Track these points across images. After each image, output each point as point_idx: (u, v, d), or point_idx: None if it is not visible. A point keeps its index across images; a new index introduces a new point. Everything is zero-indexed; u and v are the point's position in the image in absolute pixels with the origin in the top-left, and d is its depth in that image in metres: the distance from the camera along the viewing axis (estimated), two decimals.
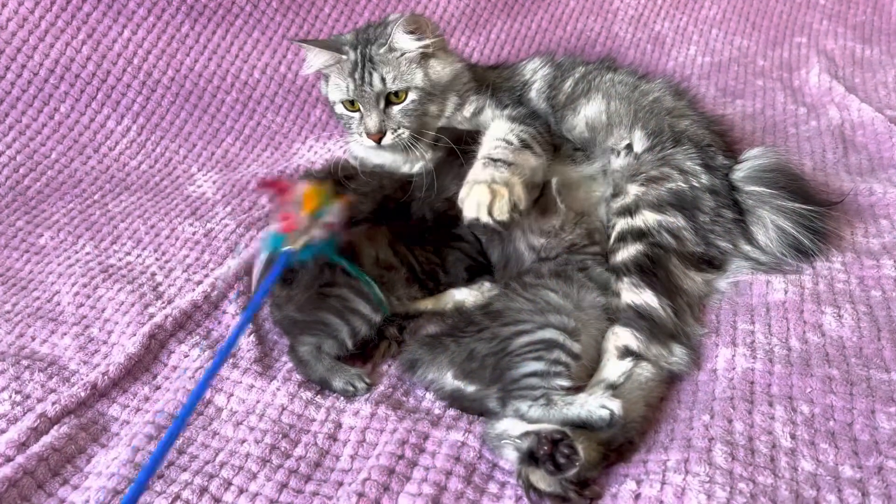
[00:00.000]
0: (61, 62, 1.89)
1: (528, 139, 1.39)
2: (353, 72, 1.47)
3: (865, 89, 2.17)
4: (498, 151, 1.33)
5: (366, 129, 1.48)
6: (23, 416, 1.15)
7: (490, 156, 1.31)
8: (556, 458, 0.94)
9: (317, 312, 1.24)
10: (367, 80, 1.46)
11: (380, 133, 1.48)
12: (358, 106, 1.50)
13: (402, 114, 1.48)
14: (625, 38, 2.44)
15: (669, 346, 1.18)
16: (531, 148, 1.38)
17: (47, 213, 1.72)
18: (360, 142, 1.53)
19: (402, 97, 1.48)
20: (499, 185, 1.22)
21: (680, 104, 1.58)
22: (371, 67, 1.46)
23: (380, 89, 1.46)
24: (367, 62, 1.46)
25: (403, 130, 1.48)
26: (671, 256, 1.27)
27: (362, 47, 1.48)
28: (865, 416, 1.01)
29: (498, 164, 1.29)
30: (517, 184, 1.25)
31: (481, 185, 1.22)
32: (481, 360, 1.11)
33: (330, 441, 1.12)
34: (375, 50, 1.46)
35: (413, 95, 1.48)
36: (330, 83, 1.54)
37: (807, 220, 1.33)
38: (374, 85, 1.46)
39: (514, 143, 1.36)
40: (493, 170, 1.27)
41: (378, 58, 1.46)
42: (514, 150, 1.34)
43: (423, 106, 1.50)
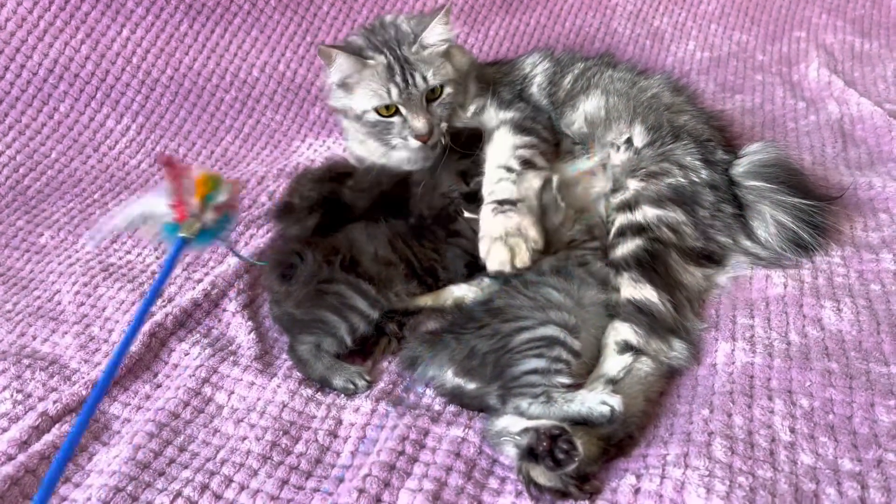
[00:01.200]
0: (60, 61, 1.89)
1: (530, 156, 1.41)
2: (393, 76, 1.42)
3: (864, 83, 2.16)
4: (501, 187, 1.35)
5: (416, 132, 1.44)
6: (24, 415, 1.15)
7: (495, 196, 1.34)
8: (555, 454, 0.94)
9: (315, 310, 1.24)
10: (410, 81, 1.43)
11: (431, 131, 1.45)
12: (396, 109, 1.45)
13: (441, 107, 1.47)
14: (623, 34, 2.43)
15: (669, 341, 1.18)
16: (534, 165, 1.40)
17: (47, 212, 1.72)
18: (405, 144, 1.48)
19: (439, 92, 1.47)
20: (514, 238, 1.27)
21: (679, 100, 1.58)
22: (411, 69, 1.43)
23: (424, 88, 1.44)
24: (406, 63, 1.43)
25: (444, 125, 1.48)
26: (671, 251, 1.28)
27: (390, 51, 1.44)
28: (865, 410, 1.01)
29: (505, 206, 1.32)
30: (529, 226, 1.30)
31: (498, 245, 1.27)
32: (482, 358, 1.11)
33: (331, 438, 1.12)
34: (408, 50, 1.44)
35: (449, 88, 1.47)
36: (357, 92, 1.47)
37: (806, 215, 1.33)
38: (419, 84, 1.43)
39: (515, 168, 1.38)
40: (503, 218, 1.30)
41: (413, 58, 1.44)
42: (518, 177, 1.36)
43: (456, 97, 1.50)
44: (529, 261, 1.26)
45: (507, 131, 1.46)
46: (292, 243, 1.38)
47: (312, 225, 1.45)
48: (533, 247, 1.27)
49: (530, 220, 1.31)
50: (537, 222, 1.32)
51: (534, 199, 1.35)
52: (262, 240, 1.55)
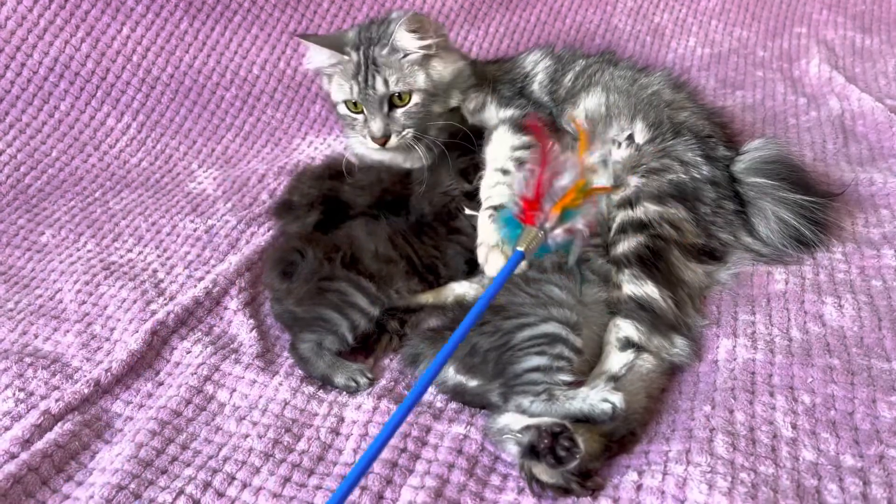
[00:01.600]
0: (61, 60, 1.89)
1: (527, 157, 1.40)
2: (357, 74, 1.46)
3: (865, 79, 2.16)
4: (497, 191, 1.36)
5: (370, 134, 1.47)
6: (26, 414, 1.15)
7: (492, 203, 1.35)
8: (557, 451, 0.94)
9: (316, 308, 1.24)
10: (370, 83, 1.45)
11: (384, 137, 1.47)
12: (361, 108, 1.49)
13: (405, 116, 1.48)
14: (624, 31, 2.43)
15: (671, 338, 1.18)
16: None
17: (48, 211, 1.72)
18: (364, 143, 1.52)
19: (406, 99, 1.47)
20: (509, 246, 1.26)
21: (679, 96, 1.58)
22: (374, 70, 1.45)
23: (383, 93, 1.45)
24: (371, 64, 1.45)
25: (408, 131, 1.48)
26: (672, 248, 1.27)
27: (365, 48, 1.46)
28: (866, 406, 1.01)
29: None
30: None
31: (495, 252, 1.28)
32: (483, 355, 1.11)
33: (333, 435, 1.12)
34: (378, 52, 1.45)
35: (416, 98, 1.47)
36: (333, 83, 1.53)
37: (808, 212, 1.33)
38: (378, 89, 1.45)
39: (512, 171, 1.39)
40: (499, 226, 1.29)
41: (381, 60, 1.45)
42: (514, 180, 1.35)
43: (426, 107, 1.49)
44: (525, 266, 1.25)
45: (506, 131, 1.46)
46: (293, 241, 1.38)
47: (312, 222, 1.45)
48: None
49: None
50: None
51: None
52: (263, 238, 1.55)
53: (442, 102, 1.52)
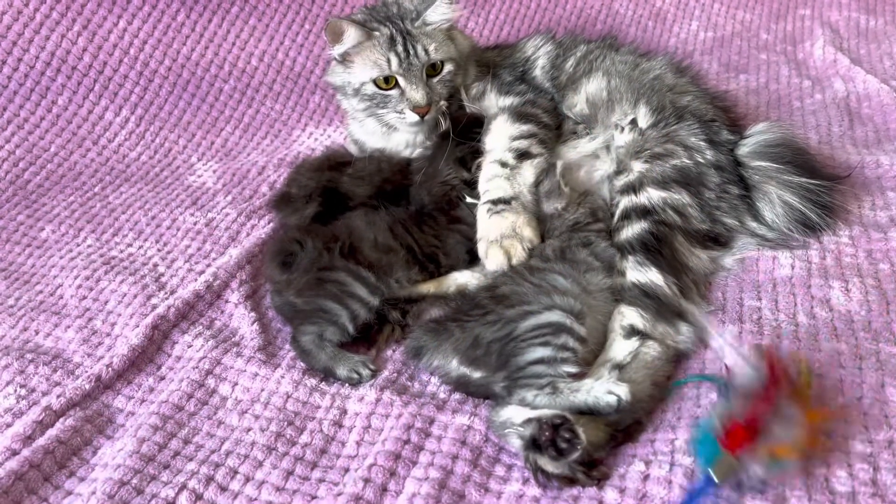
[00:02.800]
0: (58, 54, 1.88)
1: (526, 146, 1.40)
2: (393, 46, 1.45)
3: (871, 60, 2.13)
4: (495, 185, 1.36)
5: (413, 103, 1.45)
6: (28, 410, 1.15)
7: (490, 197, 1.35)
8: (558, 444, 0.93)
9: (316, 299, 1.23)
10: (411, 52, 1.44)
11: (429, 104, 1.45)
12: (395, 82, 1.46)
13: (441, 84, 1.49)
14: (626, 15, 2.41)
15: (676, 325, 1.17)
16: (530, 155, 1.39)
17: (48, 206, 1.71)
18: (401, 120, 1.48)
19: (439, 68, 1.48)
20: (508, 239, 1.28)
21: (682, 81, 1.57)
22: (413, 41, 1.45)
23: (425, 60, 1.46)
24: (408, 36, 1.45)
25: (442, 102, 1.49)
26: (676, 234, 1.26)
27: (393, 24, 1.47)
28: (875, 391, 1.00)
29: (500, 206, 1.32)
30: (524, 226, 1.30)
31: (494, 247, 1.28)
32: (486, 347, 1.10)
33: (335, 427, 1.11)
34: (410, 24, 1.46)
35: (450, 66, 1.49)
36: (355, 64, 1.49)
37: (814, 195, 1.32)
38: (420, 56, 1.45)
39: (510, 162, 1.38)
40: (498, 219, 1.31)
41: (415, 31, 1.46)
42: (511, 172, 1.37)
43: (456, 77, 1.51)
44: (525, 257, 1.27)
45: (506, 120, 1.45)
46: (292, 232, 1.37)
47: (311, 213, 1.45)
48: (528, 245, 1.28)
49: (525, 218, 1.31)
50: (532, 218, 1.33)
51: (527, 193, 1.35)
52: (263, 230, 1.54)
53: (464, 74, 1.54)
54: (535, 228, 1.31)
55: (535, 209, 1.35)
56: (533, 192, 1.36)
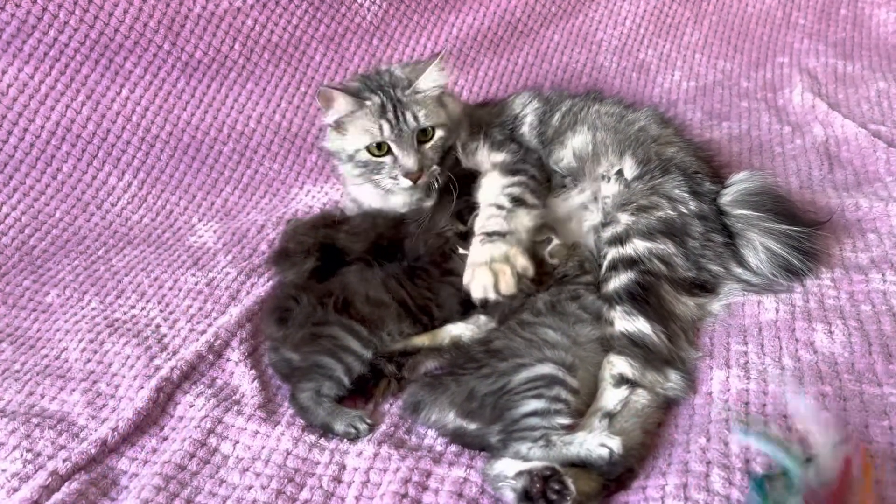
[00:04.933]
0: (62, 124, 1.94)
1: (519, 194, 1.44)
2: (384, 114, 1.49)
3: (849, 105, 2.20)
4: (491, 222, 1.39)
5: (405, 170, 1.49)
6: (34, 474, 1.17)
7: (485, 230, 1.37)
8: (548, 495, 0.95)
9: (311, 355, 1.27)
10: (401, 119, 1.49)
11: (420, 170, 1.49)
12: (387, 148, 1.51)
13: (432, 150, 1.53)
14: (610, 68, 2.49)
15: (665, 372, 1.20)
16: (524, 202, 1.43)
17: (53, 271, 1.75)
18: (395, 185, 1.52)
19: (430, 135, 1.53)
20: (499, 263, 1.30)
21: (666, 132, 1.62)
22: (403, 108, 1.50)
23: (414, 126, 1.50)
24: (398, 104, 1.50)
25: (435, 167, 1.53)
26: (663, 283, 1.30)
27: (384, 92, 1.51)
28: (860, 432, 1.02)
29: (493, 237, 1.36)
30: (518, 254, 1.32)
31: (482, 268, 1.29)
32: (481, 400, 1.13)
33: (335, 483, 1.13)
34: (401, 92, 1.51)
35: (441, 132, 1.53)
36: (349, 132, 1.54)
37: (795, 241, 1.35)
38: (410, 123, 1.49)
39: (505, 206, 1.42)
40: (491, 246, 1.33)
41: (406, 99, 1.51)
42: (507, 213, 1.40)
43: (446, 142, 1.55)
44: (515, 287, 1.28)
45: (497, 174, 1.50)
46: (288, 288, 1.42)
47: (309, 269, 1.49)
48: (521, 273, 1.29)
49: (519, 249, 1.34)
50: (526, 252, 1.35)
51: (524, 233, 1.38)
52: (262, 289, 1.58)
53: (455, 138, 1.58)
54: (531, 260, 1.33)
55: (530, 248, 1.37)
56: (529, 235, 1.38)
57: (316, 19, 2.20)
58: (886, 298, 1.27)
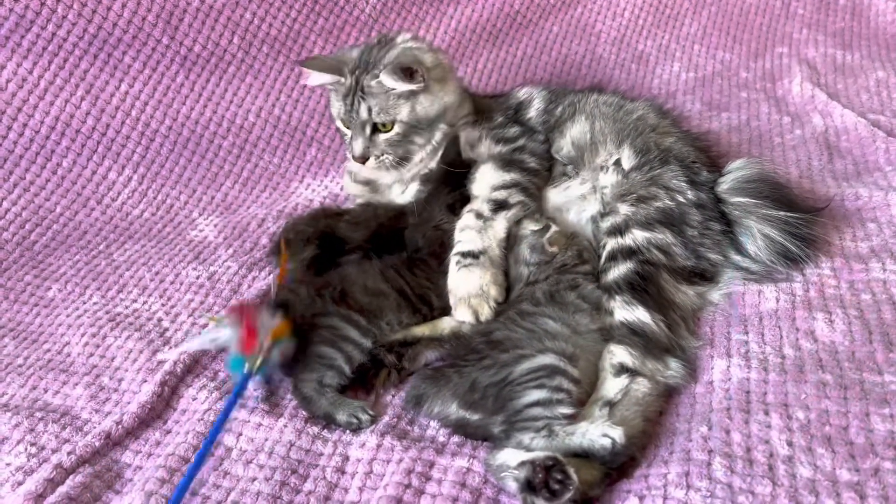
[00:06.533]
0: (61, 118, 1.94)
1: (505, 196, 1.45)
2: (346, 97, 1.54)
3: (848, 95, 2.20)
4: (467, 236, 1.41)
5: (351, 153, 1.57)
6: (39, 468, 1.18)
7: (461, 249, 1.40)
8: (551, 485, 0.96)
9: (311, 346, 1.27)
10: (355, 107, 1.52)
11: (363, 158, 1.55)
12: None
13: (386, 143, 1.55)
14: (609, 59, 2.48)
15: (665, 361, 1.20)
16: (507, 206, 1.45)
17: (54, 266, 1.76)
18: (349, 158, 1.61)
19: (389, 128, 1.54)
20: (476, 299, 1.35)
21: (664, 122, 1.62)
22: (360, 96, 1.52)
23: (365, 119, 1.52)
24: (359, 91, 1.52)
25: (387, 157, 1.55)
26: (662, 272, 1.30)
27: (359, 72, 1.53)
28: (860, 420, 1.03)
29: (468, 259, 1.39)
30: (491, 285, 1.37)
31: (462, 304, 1.35)
32: (483, 391, 1.13)
33: (338, 474, 1.14)
34: (367, 80, 1.51)
35: (398, 129, 1.54)
36: (332, 99, 1.61)
37: (793, 228, 1.35)
38: (361, 114, 1.52)
39: (484, 213, 1.44)
40: (467, 274, 1.37)
41: (368, 89, 1.51)
42: (484, 224, 1.42)
43: (408, 137, 1.56)
44: (492, 315, 1.33)
45: (491, 168, 1.50)
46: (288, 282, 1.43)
47: (308, 257, 1.49)
48: (494, 304, 1.35)
49: (491, 274, 1.38)
50: (498, 274, 1.39)
51: (496, 248, 1.41)
52: (264, 282, 1.58)
53: (426, 135, 1.57)
54: (501, 286, 1.39)
55: (502, 263, 1.41)
56: (502, 247, 1.42)
57: (314, 12, 2.20)
58: (886, 287, 1.28)
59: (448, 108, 1.59)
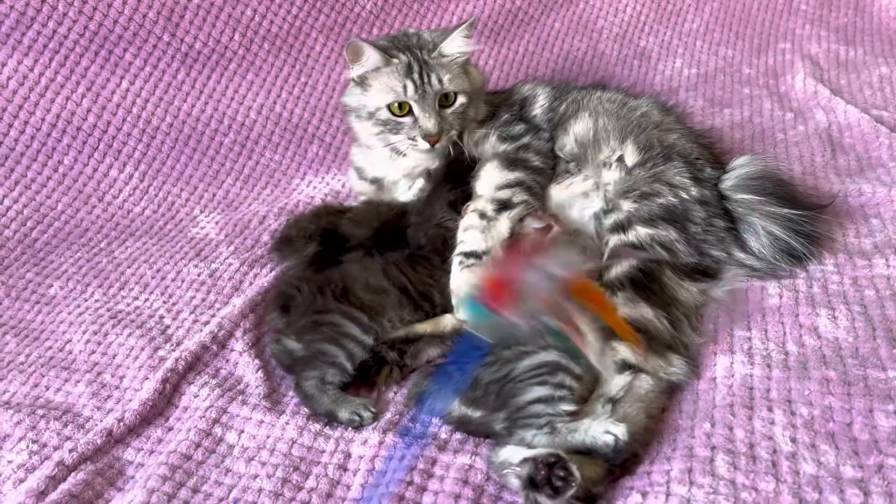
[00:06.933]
0: (62, 116, 1.94)
1: (508, 196, 1.45)
2: (410, 73, 1.49)
3: (851, 90, 2.19)
4: (470, 236, 1.40)
5: (425, 131, 1.49)
6: (40, 465, 1.17)
7: (464, 249, 1.40)
8: (553, 482, 0.96)
9: (313, 344, 1.27)
10: (426, 80, 1.49)
11: (439, 133, 1.50)
12: (409, 109, 1.51)
13: (453, 116, 1.54)
14: (611, 56, 2.48)
15: (668, 357, 1.20)
16: (510, 206, 1.44)
17: (56, 263, 1.75)
18: (413, 146, 1.52)
19: (452, 100, 1.53)
20: None
21: (668, 119, 1.61)
22: (429, 70, 1.50)
23: (438, 89, 1.50)
24: (424, 65, 1.51)
25: (453, 132, 1.54)
26: (664, 269, 1.30)
27: (411, 53, 1.52)
28: (864, 416, 1.03)
29: (471, 260, 1.38)
30: None
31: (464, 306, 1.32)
32: (485, 388, 1.13)
33: (340, 471, 1.14)
34: (427, 54, 1.52)
35: (462, 98, 1.54)
36: (372, 88, 1.54)
37: (797, 225, 1.35)
38: (434, 85, 1.50)
39: (488, 213, 1.43)
40: (469, 275, 1.35)
41: (433, 61, 1.51)
42: (488, 224, 1.42)
43: (468, 110, 1.56)
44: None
45: (495, 166, 1.50)
46: (290, 278, 1.44)
47: (310, 254, 1.49)
48: None
49: None
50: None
51: (499, 248, 1.40)
52: (265, 279, 1.58)
53: (475, 109, 1.59)
54: None
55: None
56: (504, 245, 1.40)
57: (315, 9, 2.20)
58: (890, 283, 1.28)
59: (484, 83, 1.65)
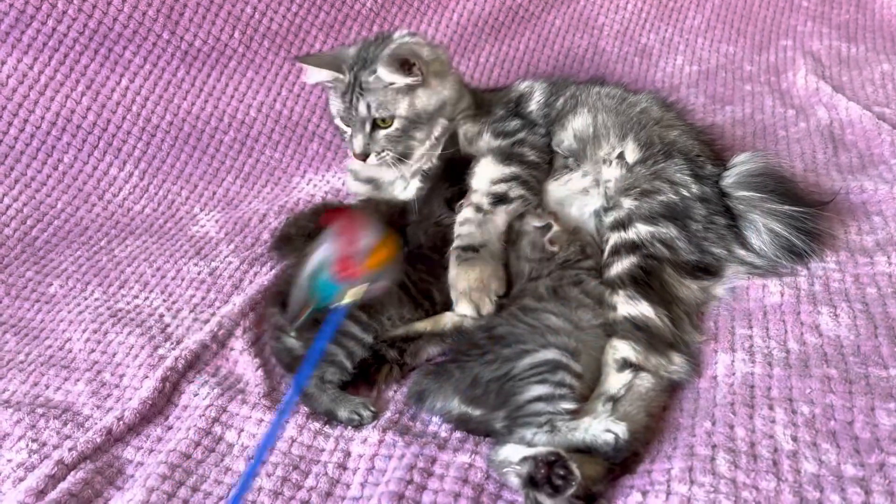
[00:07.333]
0: (62, 114, 1.94)
1: (505, 190, 1.45)
2: (345, 94, 1.54)
3: (853, 87, 2.18)
4: (466, 230, 1.40)
5: (351, 150, 1.56)
6: (40, 464, 1.17)
7: (461, 243, 1.39)
8: (553, 480, 0.95)
9: (312, 342, 1.27)
10: (354, 104, 1.52)
11: (364, 155, 1.54)
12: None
13: (386, 139, 1.54)
14: (612, 53, 2.47)
15: (668, 356, 1.19)
16: (507, 200, 1.44)
17: (55, 262, 1.75)
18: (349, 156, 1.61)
19: (388, 123, 1.53)
20: (477, 293, 1.33)
21: (668, 115, 1.61)
22: (359, 93, 1.51)
23: (364, 115, 1.52)
24: (357, 87, 1.52)
25: (387, 153, 1.55)
26: (665, 266, 1.29)
27: (357, 69, 1.52)
28: (865, 414, 1.02)
29: (468, 253, 1.37)
30: (492, 278, 1.36)
31: (464, 299, 1.33)
32: (485, 386, 1.13)
33: (340, 470, 1.14)
34: (365, 77, 1.51)
35: (397, 124, 1.53)
36: (331, 97, 1.61)
37: (798, 222, 1.35)
38: (360, 111, 1.52)
39: (484, 207, 1.43)
40: (468, 268, 1.35)
41: (366, 85, 1.51)
42: (485, 217, 1.41)
43: (408, 132, 1.55)
44: (493, 308, 1.33)
45: (490, 161, 1.49)
46: (291, 277, 1.42)
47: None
48: (495, 298, 1.34)
49: (492, 268, 1.36)
50: (498, 267, 1.38)
51: (496, 241, 1.40)
52: (265, 278, 1.58)
53: (426, 129, 1.57)
54: (502, 279, 1.37)
55: (502, 257, 1.40)
56: (502, 240, 1.41)
57: (315, 6, 2.19)
58: (892, 281, 1.27)
59: (447, 103, 1.58)
